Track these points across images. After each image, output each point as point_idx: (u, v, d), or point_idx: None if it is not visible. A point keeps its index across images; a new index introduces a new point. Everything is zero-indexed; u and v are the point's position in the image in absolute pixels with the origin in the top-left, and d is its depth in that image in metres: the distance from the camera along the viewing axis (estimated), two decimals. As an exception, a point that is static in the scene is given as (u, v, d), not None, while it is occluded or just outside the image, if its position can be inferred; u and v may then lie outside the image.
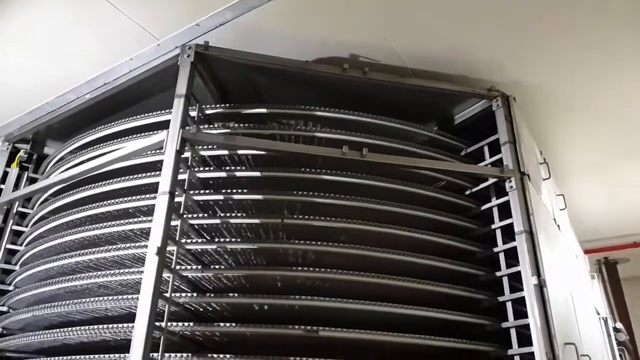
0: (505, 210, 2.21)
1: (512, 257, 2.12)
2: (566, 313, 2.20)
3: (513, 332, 2.00)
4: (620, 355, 4.29)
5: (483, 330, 2.09)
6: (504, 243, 2.17)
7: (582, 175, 4.24)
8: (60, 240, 2.16)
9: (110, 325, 1.83)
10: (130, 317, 1.90)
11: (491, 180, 2.30)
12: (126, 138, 2.20)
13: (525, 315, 1.96)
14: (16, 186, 2.74)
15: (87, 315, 2.08)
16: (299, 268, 1.89)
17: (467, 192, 2.42)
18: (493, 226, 2.22)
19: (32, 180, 2.80)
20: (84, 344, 2.08)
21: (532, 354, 1.87)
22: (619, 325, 4.58)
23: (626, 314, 5.93)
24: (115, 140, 2.23)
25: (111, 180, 2.12)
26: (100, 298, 1.90)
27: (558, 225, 2.77)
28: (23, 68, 2.50)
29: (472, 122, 2.55)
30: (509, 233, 2.16)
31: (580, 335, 2.36)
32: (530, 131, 2.74)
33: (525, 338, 1.95)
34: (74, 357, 1.89)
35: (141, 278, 1.63)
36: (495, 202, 2.26)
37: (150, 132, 2.07)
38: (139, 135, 2.15)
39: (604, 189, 4.66)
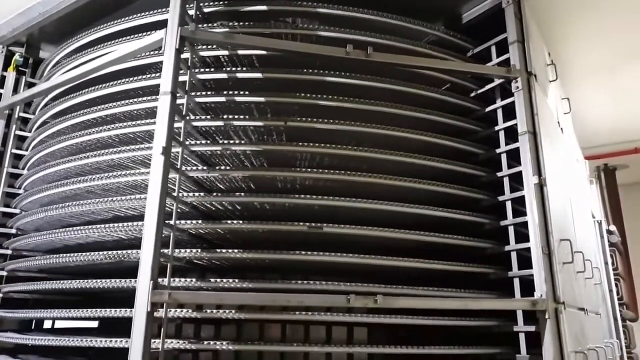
0: (509, 114, 2.20)
1: (514, 158, 2.14)
2: (563, 212, 2.26)
3: (511, 229, 2.07)
4: (612, 256, 4.47)
5: (482, 229, 2.16)
6: (506, 145, 2.18)
7: (587, 79, 4.17)
8: (64, 144, 2.17)
9: (122, 224, 1.89)
10: (141, 218, 1.96)
11: (497, 82, 2.27)
12: (123, 39, 2.13)
13: (524, 214, 2.02)
14: (15, 91, 2.70)
15: (97, 217, 2.15)
16: (303, 169, 1.92)
17: (472, 94, 2.39)
18: (496, 128, 2.22)
19: (30, 85, 2.76)
20: (97, 244, 2.16)
21: (529, 249, 1.95)
22: (613, 227, 4.74)
23: (620, 218, 6.11)
24: (113, 42, 2.16)
25: (111, 83, 2.09)
26: (111, 198, 1.95)
27: (561, 129, 2.77)
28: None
29: (480, 21, 2.45)
30: (512, 135, 2.16)
31: (575, 234, 2.44)
32: (540, 31, 2.64)
33: (522, 236, 2.03)
34: (88, 252, 1.96)
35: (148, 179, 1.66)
36: (500, 103, 2.24)
37: (147, 32, 2.01)
38: (135, 36, 2.08)
39: (608, 94, 4.61)
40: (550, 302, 1.83)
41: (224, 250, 1.81)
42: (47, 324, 2.93)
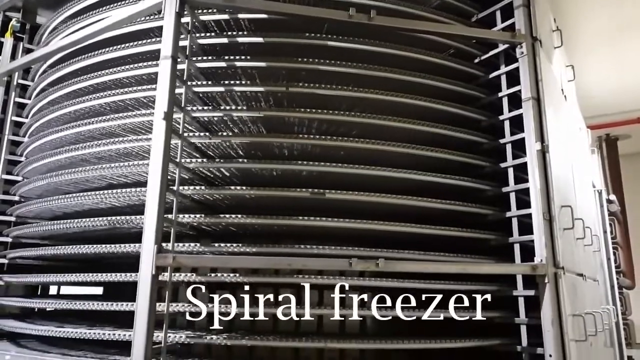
0: (513, 81, 2.17)
1: (516, 126, 2.13)
2: (565, 180, 2.26)
3: (512, 196, 2.08)
4: (611, 225, 4.50)
5: (484, 196, 2.17)
6: (509, 112, 2.17)
7: (592, 48, 4.11)
8: (65, 110, 2.16)
9: (124, 190, 1.90)
10: (143, 184, 1.97)
11: (501, 47, 2.24)
12: (121, 3, 2.10)
13: (525, 182, 2.02)
14: (13, 57, 2.67)
15: (91, 184, 2.16)
16: (305, 136, 1.91)
17: (476, 61, 2.36)
18: (500, 94, 2.20)
19: (28, 51, 2.73)
20: (97, 211, 2.17)
21: (530, 215, 1.96)
22: (613, 197, 4.75)
23: (620, 188, 6.13)
24: (111, 6, 2.13)
25: (111, 48, 2.06)
26: (114, 164, 1.95)
27: (565, 96, 2.74)
28: None
29: (485, -16, 2.41)
30: (515, 102, 2.15)
31: (576, 202, 2.45)
32: (546, -5, 2.59)
33: (523, 203, 2.03)
34: (92, 218, 1.97)
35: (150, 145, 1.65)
36: (504, 69, 2.21)
37: (146, -4, 1.97)
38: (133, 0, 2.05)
39: (612, 63, 4.56)
40: (550, 267, 1.85)
41: (227, 216, 1.82)
42: (53, 291, 2.97)
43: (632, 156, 7.15)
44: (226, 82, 1.93)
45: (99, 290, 3.03)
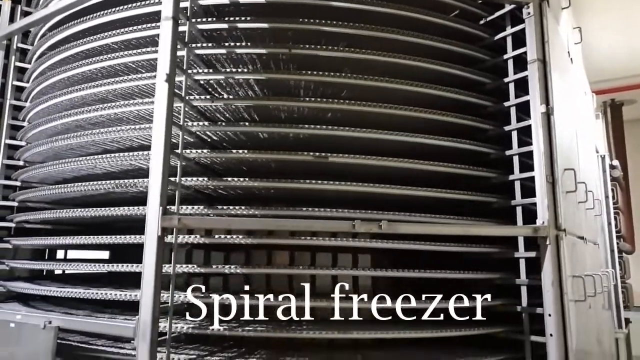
0: (518, 43, 2.14)
1: (521, 89, 2.11)
2: (569, 143, 2.26)
3: (516, 159, 2.08)
4: (613, 190, 4.51)
5: (487, 159, 2.17)
6: (514, 74, 2.14)
7: (600, 9, 4.03)
8: (65, 75, 2.15)
9: (129, 153, 1.90)
10: (136, 149, 1.97)
11: (507, 8, 2.20)
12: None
13: (529, 145, 2.01)
14: (11, 21, 2.63)
15: (87, 150, 2.17)
16: (308, 99, 1.90)
17: (482, 22, 2.32)
18: (505, 56, 2.18)
19: (26, 14, 2.68)
20: (93, 176, 2.18)
21: (533, 179, 1.97)
22: (616, 162, 4.75)
23: (624, 153, 6.11)
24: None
25: (110, 10, 2.03)
26: (117, 128, 1.94)
27: (571, 59, 2.71)
28: None
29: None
30: (520, 65, 2.12)
31: (579, 165, 2.45)
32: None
33: (527, 166, 2.04)
34: (96, 182, 1.98)
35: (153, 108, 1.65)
36: (510, 30, 2.18)
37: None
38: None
39: (620, 26, 4.47)
40: (551, 229, 1.87)
41: (230, 179, 1.83)
42: (60, 256, 3.02)
43: (637, 122, 7.10)
44: (228, 44, 1.91)
45: (105, 255, 3.08)
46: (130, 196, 2.10)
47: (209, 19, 1.90)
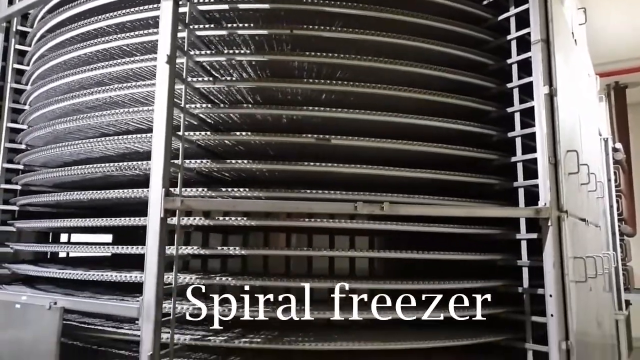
0: (522, 24, 2.12)
1: (524, 70, 2.10)
2: (572, 124, 2.25)
3: (518, 140, 2.07)
4: (615, 173, 4.51)
5: (490, 141, 2.16)
6: (517, 55, 2.13)
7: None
8: (66, 57, 2.13)
9: (132, 135, 1.90)
10: (143, 131, 1.97)
11: (511, -13, 2.17)
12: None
13: (532, 126, 2.01)
14: (10, 3, 2.61)
15: (91, 133, 2.16)
16: (311, 80, 1.89)
17: (485, 2, 2.30)
18: (508, 37, 2.16)
19: (25, -3, 2.66)
20: (92, 160, 2.18)
21: (535, 160, 1.96)
22: (618, 145, 4.74)
23: (627, 136, 6.09)
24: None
25: (110, -9, 2.01)
26: (119, 110, 1.94)
27: (575, 40, 2.68)
28: None
29: None
30: (523, 47, 2.10)
31: (582, 147, 2.44)
32: None
33: (529, 148, 2.03)
34: (99, 164, 1.99)
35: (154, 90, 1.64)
36: (513, 11, 2.16)
37: None
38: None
39: (626, 6, 4.41)
40: (553, 210, 1.87)
41: (232, 161, 1.83)
42: (64, 239, 3.03)
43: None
44: (229, 25, 1.89)
45: (108, 239, 3.10)
46: (128, 179, 2.11)
47: (210, 0, 1.88)
